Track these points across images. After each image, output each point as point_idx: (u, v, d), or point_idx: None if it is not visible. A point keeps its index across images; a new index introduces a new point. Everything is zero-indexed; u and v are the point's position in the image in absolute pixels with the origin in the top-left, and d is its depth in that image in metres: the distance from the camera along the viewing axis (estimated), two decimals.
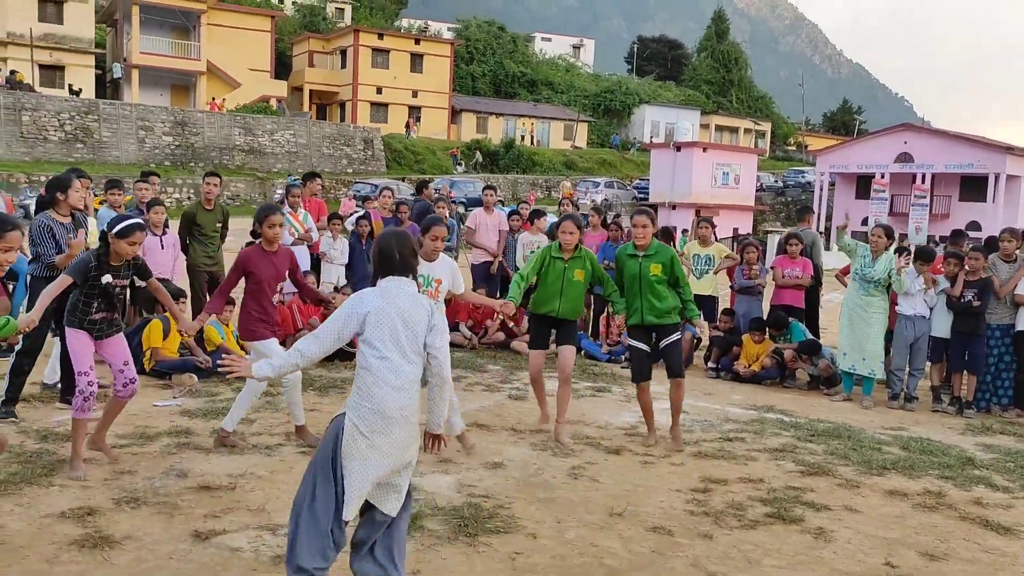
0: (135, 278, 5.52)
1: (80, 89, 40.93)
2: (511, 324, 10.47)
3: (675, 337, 6.52)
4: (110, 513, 4.49)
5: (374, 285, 3.55)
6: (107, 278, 5.19)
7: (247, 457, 5.61)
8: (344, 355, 8.70)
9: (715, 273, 10.25)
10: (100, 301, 5.23)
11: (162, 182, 24.13)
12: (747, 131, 68.67)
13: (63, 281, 5.10)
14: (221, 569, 3.94)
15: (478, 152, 47.98)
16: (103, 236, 5.26)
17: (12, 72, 37.93)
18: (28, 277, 6.66)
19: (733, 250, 10.54)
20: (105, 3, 48.44)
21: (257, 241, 5.95)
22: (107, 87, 46.21)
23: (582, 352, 10.46)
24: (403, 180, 36.84)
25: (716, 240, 10.72)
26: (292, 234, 9.69)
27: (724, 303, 11.06)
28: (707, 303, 10.31)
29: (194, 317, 6.97)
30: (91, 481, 4.95)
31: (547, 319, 6.67)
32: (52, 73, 41.76)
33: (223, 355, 4.12)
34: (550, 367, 7.41)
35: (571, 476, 5.62)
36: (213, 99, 44.20)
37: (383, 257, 3.56)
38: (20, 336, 5.67)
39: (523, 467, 5.74)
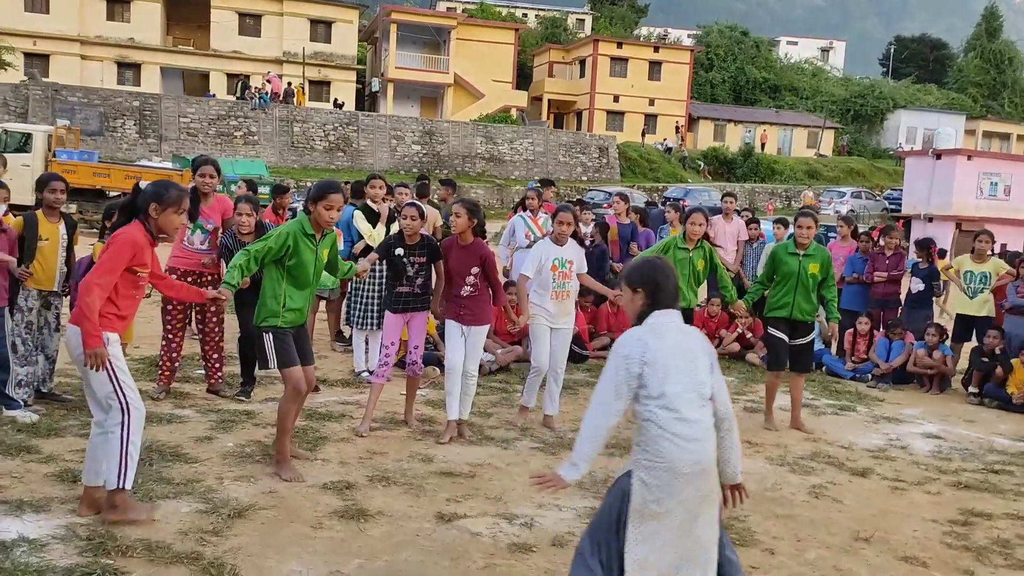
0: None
1: (343, 102, 44.66)
2: (748, 335, 10.20)
3: (812, 336, 7.10)
4: (365, 489, 4.86)
5: (639, 323, 3.14)
6: (399, 251, 5.94)
7: (485, 448, 5.86)
8: (577, 357, 8.82)
9: (992, 292, 9.31)
10: (393, 275, 6.02)
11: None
12: (1021, 138, 61.84)
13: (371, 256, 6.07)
14: (462, 551, 4.13)
15: (683, 146, 47.62)
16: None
17: (289, 83, 42.11)
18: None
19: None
20: (367, 23, 52.52)
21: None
22: (365, 100, 50.02)
23: (823, 369, 9.93)
24: (634, 187, 36.78)
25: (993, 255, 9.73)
26: (528, 237, 9.98)
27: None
28: (981, 324, 9.40)
29: None
30: (347, 459, 5.38)
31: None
32: (319, 88, 45.84)
33: (532, 475, 3.42)
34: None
35: (811, 495, 5.35)
36: None
37: (657, 288, 3.14)
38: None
39: (759, 481, 5.53)
